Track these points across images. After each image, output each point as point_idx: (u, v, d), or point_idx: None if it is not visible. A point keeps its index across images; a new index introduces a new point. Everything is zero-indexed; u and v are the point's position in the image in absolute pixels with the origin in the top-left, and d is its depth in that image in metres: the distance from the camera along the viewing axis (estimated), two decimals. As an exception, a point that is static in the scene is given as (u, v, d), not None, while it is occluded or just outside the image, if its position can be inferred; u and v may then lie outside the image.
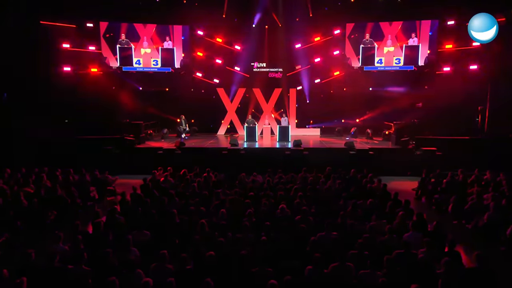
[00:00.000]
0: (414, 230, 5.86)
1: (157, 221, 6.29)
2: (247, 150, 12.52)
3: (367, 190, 8.14)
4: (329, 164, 10.05)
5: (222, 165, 10.80)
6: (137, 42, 15.48)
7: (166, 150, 12.49)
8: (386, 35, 15.37)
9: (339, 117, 16.55)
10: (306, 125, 16.72)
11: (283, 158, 11.80)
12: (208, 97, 16.48)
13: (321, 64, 16.30)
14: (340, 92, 16.30)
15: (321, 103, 16.43)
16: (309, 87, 16.56)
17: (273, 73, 16.74)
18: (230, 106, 16.36)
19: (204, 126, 16.67)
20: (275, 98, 16.30)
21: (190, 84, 16.34)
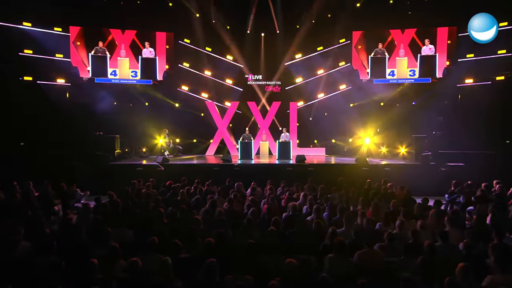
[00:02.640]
0: (451, 227, 5.97)
1: (142, 220, 6.26)
2: (242, 166, 12.74)
3: (388, 194, 8.27)
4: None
5: (214, 181, 10.74)
6: (114, 51, 15.91)
7: (146, 167, 12.54)
8: (398, 44, 16.13)
9: (347, 136, 16.95)
10: (310, 145, 17.00)
11: (284, 174, 11.84)
12: (196, 113, 16.86)
13: (325, 77, 16.91)
14: (347, 108, 16.83)
15: (326, 120, 16.89)
16: (311, 103, 17.06)
17: (270, 86, 17.31)
18: (221, 123, 16.64)
19: (191, 146, 16.84)
20: (272, 114, 16.73)
21: (174, 98, 16.71)
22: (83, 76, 15.52)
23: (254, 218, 6.47)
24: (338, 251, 4.77)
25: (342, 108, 16.91)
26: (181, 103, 16.86)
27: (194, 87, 16.90)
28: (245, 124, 16.40)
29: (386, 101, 16.47)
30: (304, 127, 17.06)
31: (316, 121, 17.07)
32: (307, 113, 17.18)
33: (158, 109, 16.43)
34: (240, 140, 14.87)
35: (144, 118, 15.87)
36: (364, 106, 16.59)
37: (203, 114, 17.03)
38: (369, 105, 16.56)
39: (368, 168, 12.63)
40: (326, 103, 17.10)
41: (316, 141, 17.27)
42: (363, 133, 16.47)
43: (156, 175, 11.21)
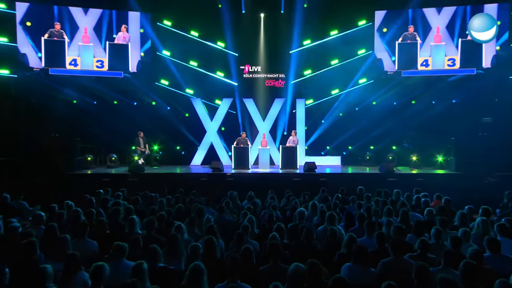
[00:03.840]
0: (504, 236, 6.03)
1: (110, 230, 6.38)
2: (236, 176, 12.93)
3: (422, 205, 8.38)
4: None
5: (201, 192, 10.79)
6: (74, 35, 16.06)
7: (114, 177, 12.72)
8: (433, 27, 16.29)
9: (368, 142, 17.14)
10: (322, 152, 17.15)
11: (290, 185, 11.90)
12: (179, 114, 17.04)
13: (340, 69, 17.12)
14: (368, 107, 17.05)
15: (341, 122, 17.08)
16: (323, 101, 17.29)
17: (272, 80, 17.52)
18: (211, 126, 16.81)
19: (172, 155, 17.02)
20: (274, 114, 16.95)
21: (151, 95, 16.90)
22: (33, 66, 15.52)
23: (251, 227, 6.50)
24: (358, 259, 4.83)
25: (362, 107, 17.11)
26: (160, 101, 17.02)
27: (176, 81, 17.07)
28: (241, 125, 16.61)
29: (418, 98, 16.66)
30: (314, 131, 17.24)
31: (329, 123, 17.22)
32: (318, 114, 17.37)
33: (130, 108, 16.58)
34: (234, 145, 14.93)
35: (112, 119, 15.97)
36: (389, 104, 16.77)
37: (188, 115, 17.16)
38: (396, 104, 16.75)
39: (396, 178, 12.75)
40: (342, 101, 17.28)
41: (328, 147, 17.37)
42: (388, 137, 16.62)
43: (128, 186, 11.25)
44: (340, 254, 5.40)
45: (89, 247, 6.00)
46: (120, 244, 5.12)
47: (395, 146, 16.90)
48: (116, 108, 16.62)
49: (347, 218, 7.13)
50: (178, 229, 6.16)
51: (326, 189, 10.19)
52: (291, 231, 6.63)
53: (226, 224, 7.21)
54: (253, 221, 6.86)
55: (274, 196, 9.55)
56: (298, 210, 7.25)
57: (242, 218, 7.26)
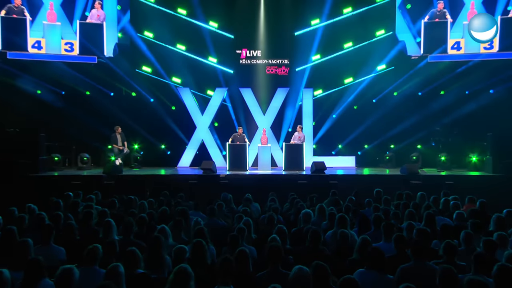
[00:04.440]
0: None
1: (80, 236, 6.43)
2: (231, 178, 13.04)
3: (451, 209, 8.43)
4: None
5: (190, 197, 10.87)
6: (37, 12, 16.08)
7: (87, 179, 12.82)
8: (466, 2, 16.21)
9: (387, 140, 17.22)
10: (332, 151, 17.27)
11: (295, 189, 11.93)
12: (164, 106, 17.15)
13: (355, 53, 17.18)
14: (388, 99, 17.15)
15: (356, 116, 17.18)
16: (335, 91, 17.38)
17: (274, 67, 17.58)
18: (202, 120, 16.90)
19: (156, 155, 17.11)
20: (277, 106, 17.00)
21: (130, 84, 16.97)
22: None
23: (248, 231, 6.55)
24: (373, 264, 4.86)
25: (380, 99, 17.20)
26: (142, 92, 17.09)
27: (161, 68, 17.11)
28: (237, 121, 16.67)
29: (448, 88, 16.72)
30: (324, 126, 17.28)
31: (342, 118, 17.29)
32: (328, 106, 17.41)
33: (106, 100, 16.66)
34: (229, 142, 14.98)
35: (84, 112, 16.02)
36: (413, 95, 16.83)
37: (175, 108, 17.24)
38: (421, 94, 16.84)
39: (421, 181, 12.86)
40: (357, 92, 17.31)
41: (341, 146, 17.44)
42: (412, 134, 16.67)
43: (103, 190, 11.30)
44: (352, 260, 5.44)
45: (55, 254, 5.95)
46: (91, 248, 5.16)
47: (420, 144, 16.91)
48: (89, 100, 16.68)
49: (361, 222, 7.17)
50: (161, 232, 6.19)
51: (337, 192, 10.24)
52: (295, 236, 6.68)
53: (218, 229, 7.24)
54: (250, 224, 6.91)
55: (275, 198, 9.62)
56: (303, 211, 7.29)
57: (237, 222, 7.30)
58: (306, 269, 4.34)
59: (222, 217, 8.09)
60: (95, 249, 5.17)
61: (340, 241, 6.09)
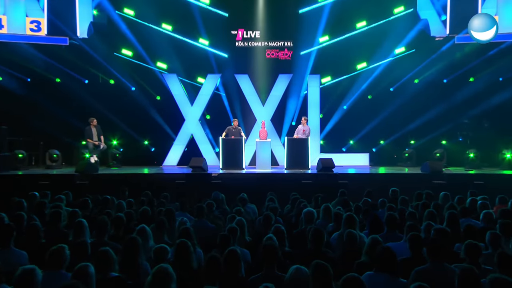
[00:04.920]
0: None
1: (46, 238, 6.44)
2: (225, 177, 13.10)
3: (478, 210, 8.45)
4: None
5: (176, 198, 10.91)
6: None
7: (56, 179, 12.86)
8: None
9: (407, 134, 17.29)
10: (343, 148, 17.35)
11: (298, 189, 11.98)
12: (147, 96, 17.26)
13: (368, 34, 17.22)
14: (408, 87, 17.19)
15: (370, 108, 17.26)
16: (346, 78, 17.45)
17: (274, 50, 17.64)
18: (191, 112, 16.92)
19: (138, 151, 17.22)
20: (278, 95, 17.01)
21: (108, 70, 17.04)
22: None
23: (241, 232, 6.58)
24: (383, 266, 4.87)
25: (398, 87, 17.26)
26: (121, 79, 17.16)
27: (143, 52, 17.18)
28: (232, 112, 16.77)
29: (478, 74, 16.75)
30: (333, 119, 17.38)
31: (353, 109, 17.36)
32: (337, 96, 17.50)
33: (79, 88, 16.72)
34: (223, 137, 14.97)
35: (54, 103, 16.08)
36: (438, 83, 16.89)
37: (160, 98, 17.33)
38: (447, 81, 16.89)
39: (445, 181, 12.83)
40: (371, 79, 17.41)
41: (352, 142, 17.51)
42: (436, 128, 16.75)
43: (76, 190, 11.31)
44: (360, 264, 5.42)
45: (16, 258, 5.85)
46: (55, 249, 5.09)
47: (445, 140, 17.02)
48: (60, 88, 16.76)
49: (372, 222, 7.17)
50: (140, 233, 6.19)
51: (346, 192, 10.27)
52: (296, 238, 6.68)
53: (207, 231, 7.26)
54: (244, 224, 6.92)
55: (274, 198, 9.64)
56: (304, 210, 7.32)
57: (229, 223, 7.32)
58: (305, 270, 4.37)
59: (212, 219, 8.10)
60: (60, 250, 5.10)
61: (347, 242, 6.10)
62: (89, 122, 15.31)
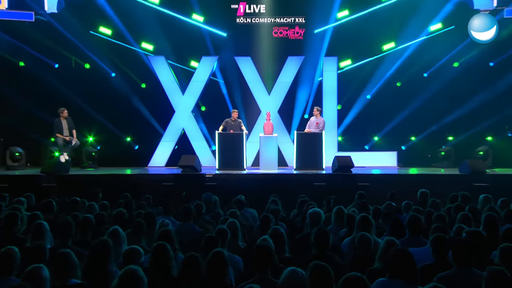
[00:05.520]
0: None
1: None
2: (221, 178, 13.18)
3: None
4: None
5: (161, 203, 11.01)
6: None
7: (18, 180, 13.00)
8: None
9: (444, 129, 17.34)
10: (365, 145, 17.43)
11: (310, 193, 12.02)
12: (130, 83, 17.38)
13: (396, 8, 17.11)
14: (445, 72, 17.19)
15: (398, 98, 17.31)
16: (369, 61, 17.49)
17: (282, 27, 17.67)
18: (182, 102, 16.98)
19: (118, 149, 17.32)
20: (287, 82, 17.02)
21: (82, 52, 17.10)
22: None
23: (233, 235, 6.62)
24: (397, 271, 4.85)
25: (433, 72, 17.29)
26: (99, 63, 17.24)
27: (125, 30, 17.26)
28: (231, 102, 16.87)
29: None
30: (353, 111, 17.44)
31: (378, 99, 17.43)
32: (359, 83, 17.56)
33: (47, 73, 16.74)
34: (220, 131, 15.03)
35: (17, 91, 16.22)
36: (482, 66, 16.89)
37: (145, 85, 17.45)
38: (493, 65, 16.87)
39: (488, 183, 12.82)
40: (400, 63, 17.43)
41: (377, 138, 17.56)
42: (479, 122, 16.75)
43: (41, 194, 11.36)
44: (373, 271, 5.42)
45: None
46: (5, 252, 5.13)
47: (490, 135, 17.01)
48: (24, 73, 16.84)
49: (393, 226, 7.19)
50: (113, 236, 6.20)
51: (365, 194, 10.28)
52: (298, 243, 6.68)
53: (193, 236, 7.27)
54: (237, 227, 6.95)
55: (278, 200, 9.62)
56: (310, 211, 7.34)
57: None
58: (301, 272, 4.39)
59: (201, 222, 8.13)
60: (9, 253, 5.12)
61: (359, 246, 6.12)
62: (58, 114, 15.38)
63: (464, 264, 5.17)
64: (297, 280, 4.35)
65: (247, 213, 9.53)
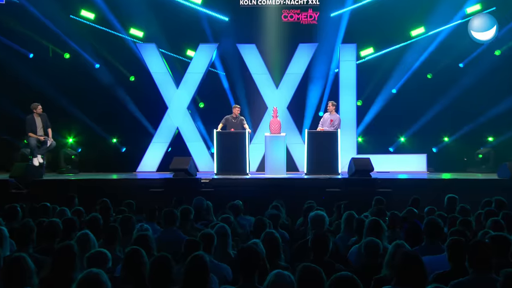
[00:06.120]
0: None
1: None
2: (218, 183, 13.22)
3: None
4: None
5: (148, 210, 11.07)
6: None
7: None
8: None
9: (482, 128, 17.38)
10: (389, 147, 17.49)
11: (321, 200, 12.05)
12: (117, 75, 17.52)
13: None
14: (483, 62, 17.24)
15: (429, 92, 17.41)
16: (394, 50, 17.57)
17: (293, 11, 17.77)
18: (175, 96, 17.09)
19: (103, 152, 17.50)
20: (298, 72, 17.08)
21: (59, 39, 17.23)
22: None
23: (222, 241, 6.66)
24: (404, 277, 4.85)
25: (471, 61, 17.32)
26: (80, 51, 17.39)
27: (110, 14, 17.37)
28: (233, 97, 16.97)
29: None
30: (375, 107, 17.52)
31: (406, 93, 17.51)
32: (383, 75, 17.64)
33: (20, 64, 16.90)
34: (219, 129, 15.07)
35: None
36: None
37: (134, 78, 17.62)
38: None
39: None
40: (431, 51, 17.50)
41: (403, 139, 17.57)
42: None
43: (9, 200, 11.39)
44: (379, 280, 5.44)
45: None
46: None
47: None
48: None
49: (409, 231, 7.22)
50: (81, 241, 6.23)
51: (384, 201, 10.28)
52: (298, 251, 6.69)
53: (178, 244, 7.24)
54: (227, 234, 6.90)
55: (280, 206, 9.63)
56: (311, 214, 7.36)
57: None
58: (288, 275, 4.42)
59: (188, 230, 8.15)
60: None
61: (366, 253, 6.13)
62: (31, 110, 15.43)
63: (481, 269, 5.17)
64: (284, 284, 4.37)
65: (244, 220, 9.55)
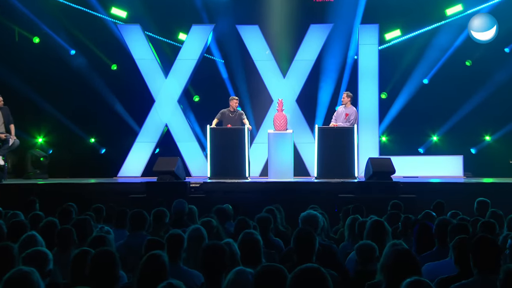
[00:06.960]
0: None
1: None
2: (211, 188, 13.27)
3: None
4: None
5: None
6: None
7: None
8: None
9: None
10: (419, 148, 17.58)
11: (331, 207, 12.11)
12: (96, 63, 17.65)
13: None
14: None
15: (467, 83, 17.53)
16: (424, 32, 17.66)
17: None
18: (164, 89, 17.21)
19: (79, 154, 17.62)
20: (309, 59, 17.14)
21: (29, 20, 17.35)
22: None
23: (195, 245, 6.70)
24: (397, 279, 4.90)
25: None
26: (53, 35, 17.55)
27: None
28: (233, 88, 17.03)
29: None
30: (400, 100, 17.60)
31: (439, 84, 17.64)
32: (411, 62, 17.75)
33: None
34: (213, 125, 15.07)
35: None
36: None
37: (116, 67, 17.80)
38: None
39: None
40: (469, 35, 17.67)
41: (435, 138, 17.64)
42: None
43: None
44: (372, 285, 5.49)
45: None
46: None
47: None
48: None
49: (419, 234, 7.28)
50: (26, 243, 6.29)
51: (402, 205, 10.39)
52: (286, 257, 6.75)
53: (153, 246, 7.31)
54: (203, 237, 6.81)
55: (275, 210, 9.65)
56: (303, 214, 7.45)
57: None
58: (251, 272, 4.48)
59: (162, 235, 8.17)
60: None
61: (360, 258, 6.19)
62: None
63: (487, 270, 5.23)
64: (244, 282, 4.44)
65: (233, 227, 9.51)
